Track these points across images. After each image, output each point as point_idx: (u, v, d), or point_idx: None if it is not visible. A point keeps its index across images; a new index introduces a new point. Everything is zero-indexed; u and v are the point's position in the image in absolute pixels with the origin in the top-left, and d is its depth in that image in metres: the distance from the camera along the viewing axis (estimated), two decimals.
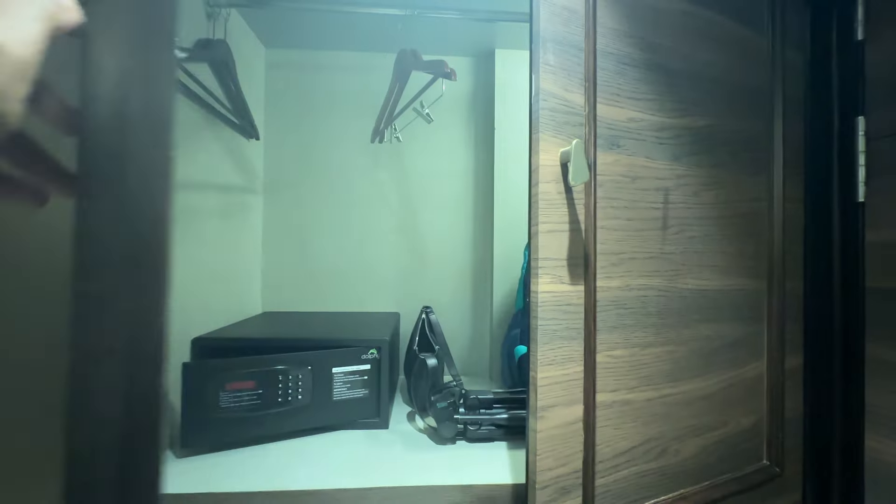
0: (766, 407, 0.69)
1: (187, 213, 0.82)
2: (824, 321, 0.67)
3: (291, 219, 1.21)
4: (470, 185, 1.25)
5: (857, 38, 0.63)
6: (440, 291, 1.24)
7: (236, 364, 0.74)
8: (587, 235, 0.56)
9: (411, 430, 0.84)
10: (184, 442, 0.70)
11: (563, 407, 0.54)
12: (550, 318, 0.54)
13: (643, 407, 0.60)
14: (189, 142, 0.83)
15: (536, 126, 0.53)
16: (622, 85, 0.58)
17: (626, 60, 0.59)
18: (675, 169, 0.62)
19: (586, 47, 0.56)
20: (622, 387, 0.58)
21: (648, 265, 0.60)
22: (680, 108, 0.63)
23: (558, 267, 0.54)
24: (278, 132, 1.20)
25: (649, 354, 0.60)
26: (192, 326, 0.83)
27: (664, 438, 0.61)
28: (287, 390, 0.77)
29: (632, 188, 0.59)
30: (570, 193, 0.55)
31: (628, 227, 0.59)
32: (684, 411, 0.63)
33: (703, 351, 0.64)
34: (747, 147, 0.68)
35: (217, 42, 0.83)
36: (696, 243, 0.64)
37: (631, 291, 0.59)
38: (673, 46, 0.62)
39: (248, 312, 1.11)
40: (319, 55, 1.21)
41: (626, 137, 0.59)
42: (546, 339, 0.53)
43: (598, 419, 0.56)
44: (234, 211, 1.01)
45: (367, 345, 0.84)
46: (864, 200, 0.63)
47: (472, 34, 1.13)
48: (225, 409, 0.72)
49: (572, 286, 0.55)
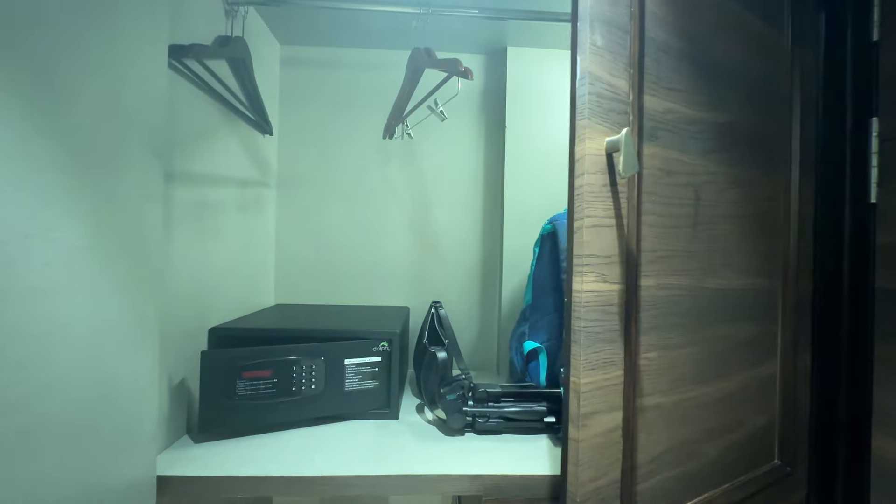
0: (778, 406, 0.69)
1: (207, 206, 0.84)
2: (833, 320, 0.67)
3: (304, 213, 1.23)
4: (480, 182, 1.26)
5: (872, 38, 0.63)
6: (449, 286, 1.25)
7: (253, 353, 0.76)
8: (630, 231, 0.53)
9: (420, 422, 0.86)
10: (202, 427, 0.72)
11: (604, 414, 0.52)
12: (594, 319, 0.51)
13: (672, 410, 0.58)
14: (209, 137, 0.85)
15: (582, 112, 0.50)
16: (660, 74, 0.56)
17: (663, 48, 0.56)
18: (704, 165, 0.60)
19: (632, 30, 0.52)
20: (655, 390, 0.56)
21: (678, 263, 0.58)
22: (707, 101, 0.61)
23: (603, 264, 0.51)
24: (292, 128, 1.22)
25: (679, 356, 0.59)
26: (210, 316, 0.85)
27: (690, 441, 0.60)
28: (301, 380, 0.79)
29: (667, 183, 0.57)
30: (614, 186, 0.52)
31: (662, 223, 0.57)
32: (707, 413, 0.62)
33: (723, 351, 0.63)
34: (764, 145, 0.67)
35: (235, 39, 0.85)
36: (719, 242, 0.62)
37: (662, 291, 0.57)
38: (703, 37, 0.59)
39: (262, 304, 1.14)
40: (333, 52, 1.22)
41: (662, 129, 0.56)
42: (589, 341, 0.50)
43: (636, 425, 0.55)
44: (249, 205, 1.04)
45: (379, 337, 0.86)
46: (876, 201, 0.63)
47: (484, 31, 1.13)
48: (242, 396, 0.74)
49: (615, 285, 0.53)
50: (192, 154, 0.80)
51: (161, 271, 0.64)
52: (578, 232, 0.50)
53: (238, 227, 0.98)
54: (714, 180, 0.62)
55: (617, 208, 0.52)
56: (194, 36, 0.77)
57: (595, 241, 0.51)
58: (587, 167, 0.50)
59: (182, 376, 0.76)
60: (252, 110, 0.98)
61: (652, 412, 0.56)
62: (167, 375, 0.71)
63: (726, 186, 0.63)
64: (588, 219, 0.50)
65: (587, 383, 0.50)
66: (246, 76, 0.91)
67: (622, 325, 0.53)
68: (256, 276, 1.10)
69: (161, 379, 0.69)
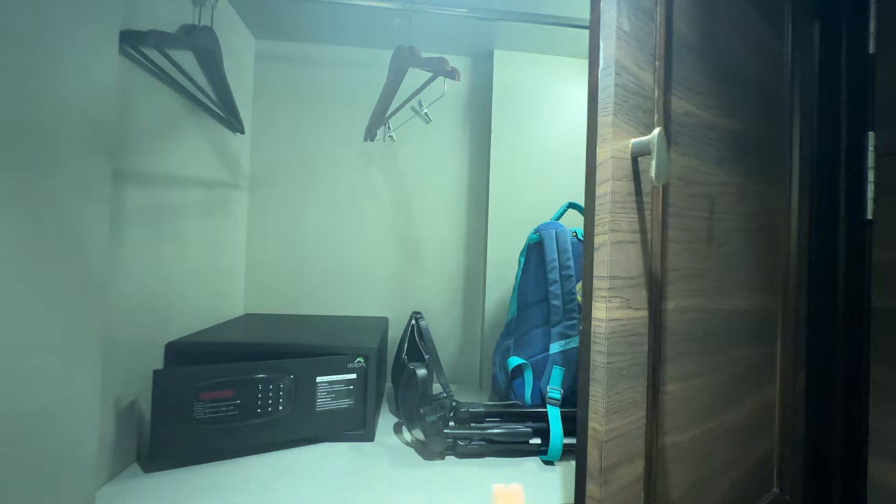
0: (777, 432, 0.66)
1: (168, 209, 0.77)
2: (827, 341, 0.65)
3: (278, 217, 1.16)
4: (464, 188, 1.21)
5: (868, 51, 0.62)
6: (431, 296, 1.20)
7: (213, 372, 0.69)
8: (654, 248, 0.46)
9: (398, 444, 0.80)
10: (153, 455, 0.65)
11: (626, 465, 0.45)
12: (618, 353, 0.43)
13: (689, 448, 0.52)
14: (172, 134, 0.78)
15: (606, 107, 0.43)
16: (682, 71, 0.50)
17: (684, 42, 0.50)
18: (717, 175, 0.55)
19: (658, 16, 0.46)
20: (673, 427, 0.50)
21: (695, 283, 0.53)
22: (722, 106, 0.56)
23: (627, 287, 0.44)
24: (266, 127, 1.15)
25: (694, 386, 0.53)
26: (169, 329, 0.78)
27: (704, 479, 0.55)
28: (267, 400, 0.73)
29: (685, 194, 0.51)
30: (640, 196, 0.45)
31: (681, 238, 0.50)
32: (720, 446, 0.57)
33: (733, 377, 0.58)
34: (770, 156, 0.63)
35: (203, 29, 0.79)
36: (731, 259, 0.57)
37: (681, 315, 0.51)
38: (719, 35, 0.55)
39: (230, 314, 1.06)
40: (311, 48, 1.16)
41: (682, 133, 0.51)
42: (613, 380, 0.43)
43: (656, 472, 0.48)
44: (216, 208, 0.96)
45: (354, 352, 0.80)
46: (872, 218, 0.61)
47: (470, 33, 1.09)
48: (200, 420, 0.67)
49: (639, 311, 0.45)
50: (152, 152, 0.72)
51: (106, 281, 0.57)
52: (601, 249, 0.43)
53: (204, 231, 0.91)
54: (726, 191, 0.57)
55: (642, 221, 0.45)
56: (156, 23, 0.70)
57: (620, 259, 0.43)
58: (612, 172, 0.43)
59: (133, 397, 0.68)
60: (221, 107, 0.91)
61: (670, 453, 0.50)
62: (113, 397, 0.64)
63: (738, 198, 0.58)
64: (613, 233, 0.43)
65: (610, 430, 0.43)
66: (215, 70, 0.84)
67: (647, 358, 0.46)
68: (224, 285, 1.02)
69: (105, 401, 0.61)
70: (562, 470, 0.72)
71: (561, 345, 0.85)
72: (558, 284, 0.88)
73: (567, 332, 0.86)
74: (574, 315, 0.86)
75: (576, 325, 0.86)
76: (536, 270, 0.93)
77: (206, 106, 0.87)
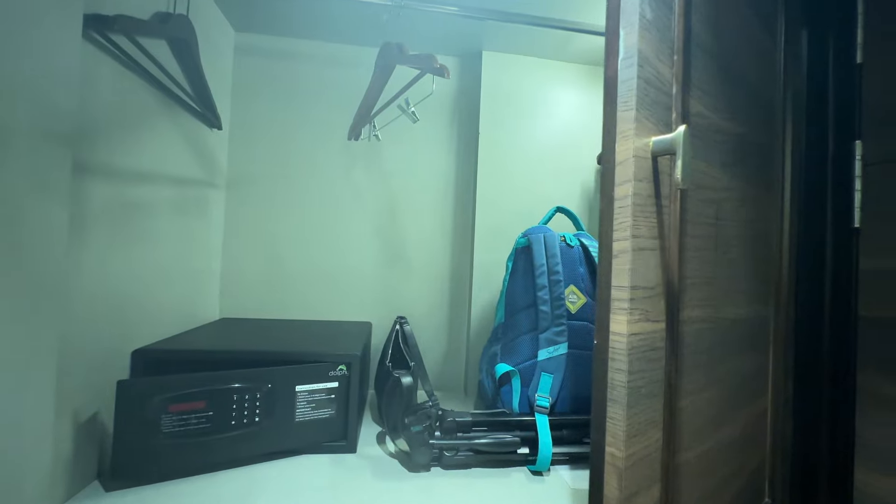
0: (769, 442, 0.65)
1: (136, 206, 0.72)
2: (814, 349, 0.65)
3: (256, 217, 1.11)
4: (451, 190, 1.19)
5: (856, 60, 0.62)
6: (416, 301, 1.17)
7: (183, 381, 0.64)
8: (671, 255, 0.43)
9: (381, 455, 0.77)
10: (115, 472, 0.60)
11: (644, 492, 0.41)
12: (637, 370, 0.40)
13: (696, 465, 0.50)
14: (142, 127, 0.73)
15: (627, 101, 0.39)
16: (696, 71, 0.47)
17: (698, 41, 0.47)
18: (722, 179, 0.53)
19: (678, 8, 0.43)
20: (683, 446, 0.47)
21: (703, 292, 0.50)
22: (727, 108, 0.54)
23: (646, 298, 0.41)
24: (245, 123, 1.10)
25: (701, 400, 0.50)
26: (137, 336, 0.73)
27: (708, 496, 0.52)
28: (243, 411, 0.68)
29: (694, 199, 0.48)
30: (659, 198, 0.42)
31: (692, 245, 0.48)
32: (722, 460, 0.55)
33: (733, 389, 0.57)
34: (767, 161, 0.63)
35: (177, 17, 0.74)
36: (733, 266, 0.55)
37: (692, 325, 0.48)
38: (726, 36, 0.53)
39: (204, 319, 1.01)
40: (294, 43, 1.12)
41: (695, 135, 0.48)
42: (634, 400, 0.39)
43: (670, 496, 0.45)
44: (190, 206, 0.91)
45: (336, 360, 0.77)
46: (859, 226, 0.61)
47: (459, 32, 1.08)
48: (168, 433, 0.63)
49: (658, 324, 0.42)
50: (120, 145, 0.68)
51: (64, 283, 0.52)
52: (621, 256, 0.39)
53: (177, 231, 0.86)
54: (730, 197, 0.55)
55: (661, 226, 0.42)
56: (127, 8, 0.66)
57: (640, 268, 0.40)
58: (634, 172, 0.39)
59: (94, 410, 0.63)
60: (198, 101, 0.86)
61: (682, 471, 0.47)
62: (72, 410, 0.59)
63: (739, 204, 0.57)
64: (634, 239, 0.39)
65: (630, 455, 0.39)
66: (190, 61, 0.80)
67: (664, 373, 0.43)
68: (198, 288, 0.97)
69: (62, 416, 0.56)
70: (550, 481, 0.70)
71: (549, 351, 0.84)
72: (547, 290, 0.86)
73: (555, 338, 0.84)
74: (562, 321, 0.85)
75: (564, 332, 0.84)
76: (525, 275, 0.91)
77: (181, 99, 0.83)
